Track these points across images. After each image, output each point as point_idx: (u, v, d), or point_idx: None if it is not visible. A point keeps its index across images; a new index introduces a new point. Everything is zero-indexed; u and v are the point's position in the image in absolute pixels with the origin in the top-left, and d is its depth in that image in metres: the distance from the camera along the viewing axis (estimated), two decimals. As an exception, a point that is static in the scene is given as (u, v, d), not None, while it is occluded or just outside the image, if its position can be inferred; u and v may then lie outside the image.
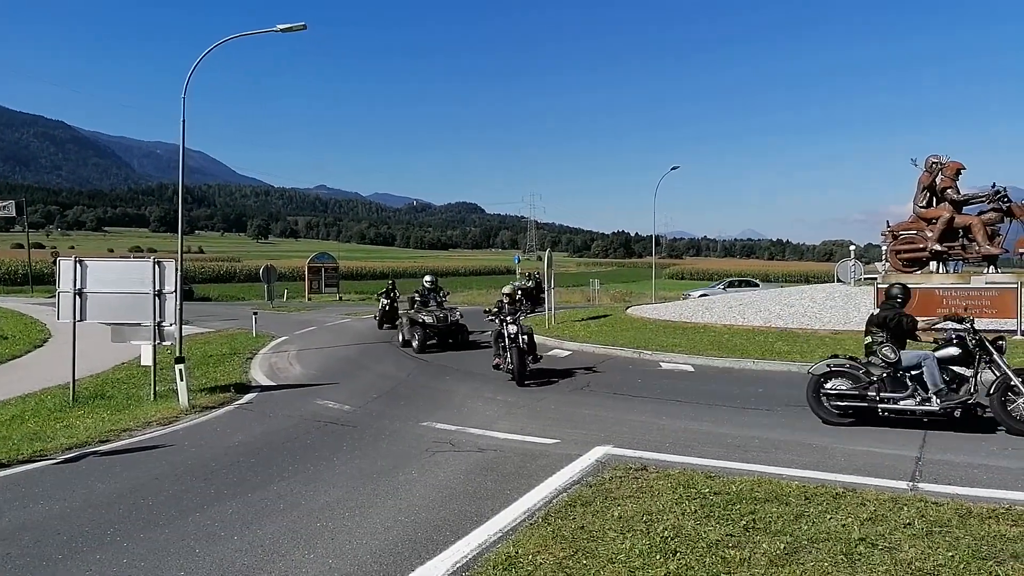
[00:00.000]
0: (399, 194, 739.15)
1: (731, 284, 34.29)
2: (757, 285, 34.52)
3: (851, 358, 8.53)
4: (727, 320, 19.82)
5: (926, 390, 7.85)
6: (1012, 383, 7.57)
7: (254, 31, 14.13)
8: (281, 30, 13.45)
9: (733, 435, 7.92)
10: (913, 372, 7.99)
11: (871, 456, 6.82)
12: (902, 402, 7.91)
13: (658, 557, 4.39)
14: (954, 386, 7.84)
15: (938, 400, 7.73)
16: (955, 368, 7.92)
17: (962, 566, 4.13)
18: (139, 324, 11.38)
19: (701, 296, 29.96)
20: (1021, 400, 7.52)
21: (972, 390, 7.75)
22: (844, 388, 8.25)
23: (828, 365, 8.47)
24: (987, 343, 7.81)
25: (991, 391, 7.68)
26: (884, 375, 8.06)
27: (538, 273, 29.60)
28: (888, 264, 21.29)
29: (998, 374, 7.74)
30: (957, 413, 7.77)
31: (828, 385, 8.36)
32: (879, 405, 8.00)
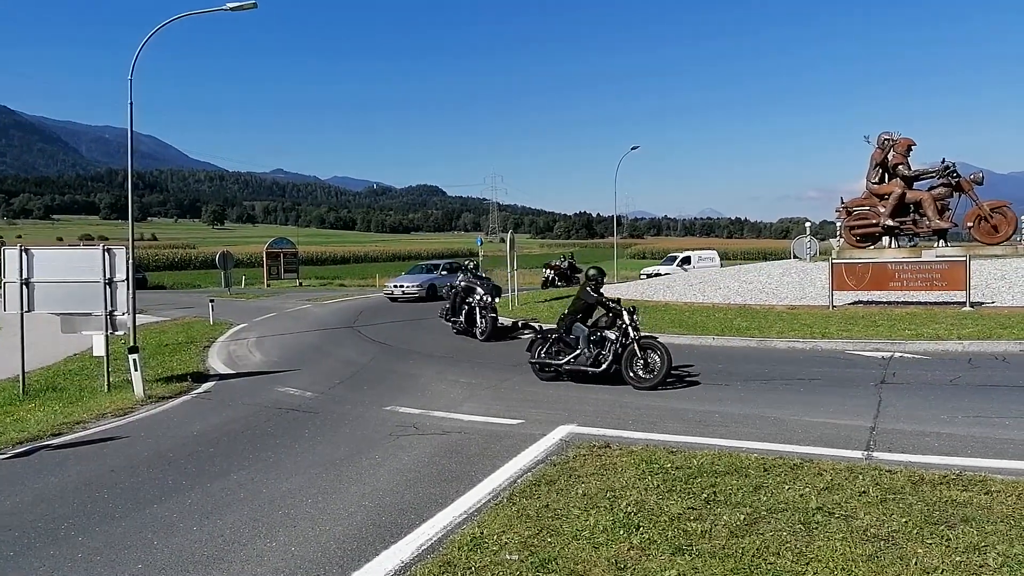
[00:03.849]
0: (359, 177, 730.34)
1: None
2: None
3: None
4: (688, 298, 20.08)
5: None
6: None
7: (202, 10, 13.73)
8: (230, 8, 13.10)
9: (694, 410, 8.03)
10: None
11: (827, 427, 6.98)
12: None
13: (622, 532, 4.44)
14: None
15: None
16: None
17: (915, 531, 4.25)
18: (90, 314, 11.08)
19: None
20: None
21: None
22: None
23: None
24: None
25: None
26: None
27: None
28: (842, 240, 21.76)
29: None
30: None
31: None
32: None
